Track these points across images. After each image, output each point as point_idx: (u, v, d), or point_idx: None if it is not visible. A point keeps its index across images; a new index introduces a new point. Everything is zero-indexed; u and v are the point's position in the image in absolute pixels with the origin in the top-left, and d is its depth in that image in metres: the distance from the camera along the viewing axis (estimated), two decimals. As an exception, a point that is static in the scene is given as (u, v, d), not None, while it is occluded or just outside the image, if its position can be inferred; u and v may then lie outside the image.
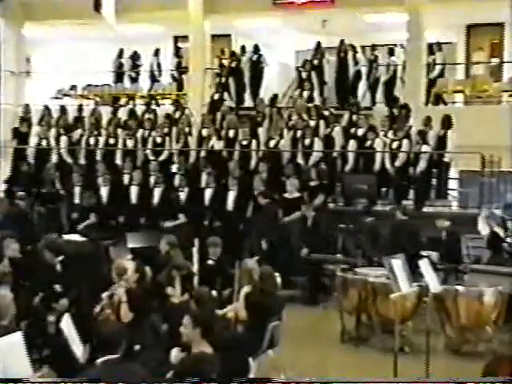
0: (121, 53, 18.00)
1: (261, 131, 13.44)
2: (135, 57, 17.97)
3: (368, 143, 12.68)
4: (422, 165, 12.33)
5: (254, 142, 13.06)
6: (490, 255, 10.12)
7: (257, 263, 8.01)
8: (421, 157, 12.35)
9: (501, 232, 10.15)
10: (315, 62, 15.22)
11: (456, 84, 15.77)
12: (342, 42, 15.42)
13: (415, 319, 8.49)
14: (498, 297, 8.34)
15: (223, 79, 15.79)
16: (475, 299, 8.30)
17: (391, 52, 15.65)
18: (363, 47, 16.01)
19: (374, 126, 12.98)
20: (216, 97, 15.53)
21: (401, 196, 12.54)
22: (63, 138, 14.06)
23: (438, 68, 15.55)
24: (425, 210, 12.24)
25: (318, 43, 15.71)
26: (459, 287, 8.58)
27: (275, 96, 14.94)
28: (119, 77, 18.01)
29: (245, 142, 13.11)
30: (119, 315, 6.77)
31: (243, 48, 16.29)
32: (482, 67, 16.79)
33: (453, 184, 13.63)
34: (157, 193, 12.51)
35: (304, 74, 15.15)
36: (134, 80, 17.98)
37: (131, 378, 4.77)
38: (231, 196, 12.07)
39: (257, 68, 16.01)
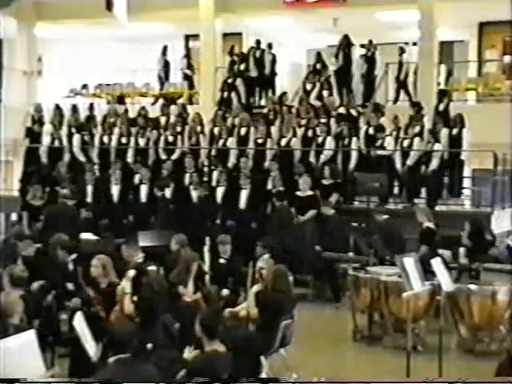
0: (165, 50, 17.71)
1: (273, 129, 13.44)
2: (189, 54, 17.81)
3: (379, 142, 12.65)
4: (434, 163, 12.27)
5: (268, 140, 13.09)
6: (426, 250, 10.12)
7: (269, 262, 8.01)
8: (433, 155, 12.30)
9: (434, 227, 10.20)
10: (322, 78, 15.10)
11: (468, 82, 15.69)
12: (345, 37, 15.33)
13: (428, 318, 8.46)
14: (512, 295, 8.30)
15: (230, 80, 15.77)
16: (488, 298, 8.25)
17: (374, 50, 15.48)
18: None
19: (383, 125, 12.91)
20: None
21: (413, 194, 12.53)
22: (76, 137, 14.11)
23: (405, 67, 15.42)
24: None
25: (319, 54, 15.66)
26: (472, 286, 8.54)
27: (284, 93, 14.94)
28: (165, 75, 17.75)
29: (260, 141, 13.12)
30: (123, 307, 6.83)
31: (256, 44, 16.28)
32: (494, 65, 16.71)
33: (465, 182, 13.57)
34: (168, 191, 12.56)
35: (309, 86, 15.06)
36: (189, 78, 17.62)
37: (143, 378, 4.78)
38: (244, 195, 12.07)
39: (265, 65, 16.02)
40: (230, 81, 15.69)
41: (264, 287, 7.35)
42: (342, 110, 13.87)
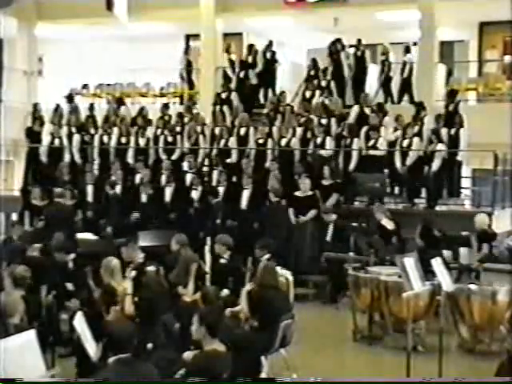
0: (187, 49, 17.52)
1: (274, 129, 13.44)
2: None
3: (371, 142, 12.63)
4: (436, 163, 12.25)
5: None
6: (381, 248, 10.34)
7: (267, 261, 8.01)
8: (435, 155, 12.28)
9: (388, 225, 10.25)
10: (323, 83, 15.06)
11: (469, 82, 15.69)
12: (337, 40, 15.33)
13: (428, 318, 8.46)
14: (512, 296, 8.29)
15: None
16: (489, 298, 8.26)
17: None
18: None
19: (377, 125, 12.89)
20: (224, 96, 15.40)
21: (413, 195, 12.54)
22: (76, 137, 14.11)
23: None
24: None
25: (314, 60, 15.66)
26: (472, 286, 8.54)
27: (282, 93, 14.92)
28: (188, 74, 17.46)
29: (261, 141, 13.13)
30: (123, 308, 6.83)
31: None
32: (494, 65, 16.70)
33: (465, 182, 13.57)
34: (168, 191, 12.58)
35: (308, 94, 15.01)
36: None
37: (142, 377, 4.78)
38: (245, 194, 12.08)
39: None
40: (223, 96, 15.41)
41: (254, 285, 7.39)
42: (356, 108, 13.80)
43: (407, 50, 15.42)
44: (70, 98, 15.87)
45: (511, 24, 14.21)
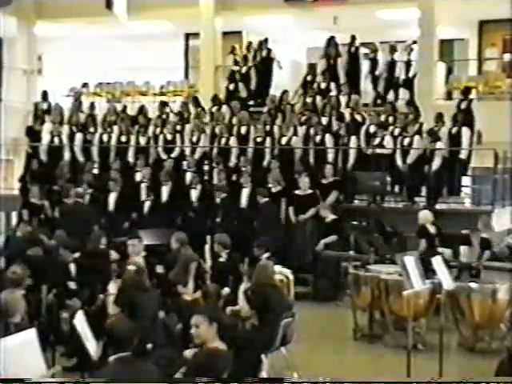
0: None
1: (275, 128, 13.43)
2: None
3: (377, 140, 12.62)
4: (436, 162, 12.24)
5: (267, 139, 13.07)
6: (335, 240, 10.91)
7: (266, 260, 8.01)
8: (435, 154, 12.27)
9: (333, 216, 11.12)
10: (323, 85, 15.04)
11: (469, 80, 15.68)
12: (331, 38, 15.31)
13: (428, 316, 8.46)
14: (512, 294, 8.30)
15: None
16: (489, 296, 8.26)
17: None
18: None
19: (383, 123, 12.91)
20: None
21: (413, 193, 12.53)
22: (78, 136, 14.11)
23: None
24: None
25: (311, 65, 15.65)
26: (473, 284, 8.55)
27: (285, 92, 14.91)
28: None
29: (259, 140, 13.12)
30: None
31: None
32: (494, 63, 16.70)
33: (466, 181, 13.57)
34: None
35: (309, 99, 14.94)
36: None
37: (143, 376, 4.78)
38: (245, 193, 12.07)
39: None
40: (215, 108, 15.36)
41: (250, 284, 7.41)
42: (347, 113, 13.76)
43: (393, 49, 15.38)
44: (44, 97, 15.85)
45: (511, 22, 14.22)
